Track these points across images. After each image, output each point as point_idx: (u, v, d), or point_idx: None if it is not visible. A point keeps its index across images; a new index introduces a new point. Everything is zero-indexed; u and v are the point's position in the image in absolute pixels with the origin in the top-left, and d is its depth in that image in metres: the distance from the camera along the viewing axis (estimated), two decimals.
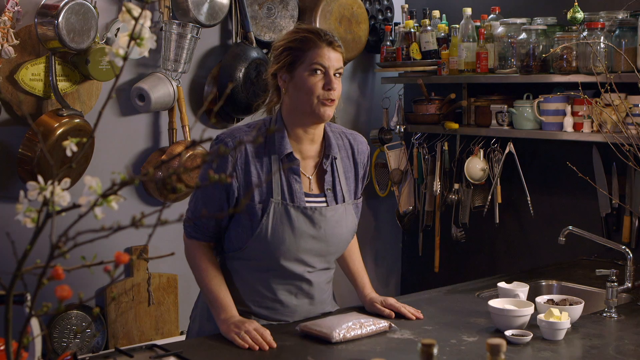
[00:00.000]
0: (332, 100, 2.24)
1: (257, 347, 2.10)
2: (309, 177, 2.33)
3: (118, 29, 3.26)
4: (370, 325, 2.23)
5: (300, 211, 2.26)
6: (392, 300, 2.45)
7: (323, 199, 2.32)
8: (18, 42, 2.95)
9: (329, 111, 2.25)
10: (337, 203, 2.34)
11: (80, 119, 3.13)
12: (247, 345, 2.11)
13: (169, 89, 3.37)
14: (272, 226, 2.23)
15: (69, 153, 1.09)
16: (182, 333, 3.54)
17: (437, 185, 3.95)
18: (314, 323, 2.23)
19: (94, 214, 1.05)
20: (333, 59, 2.23)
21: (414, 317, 2.39)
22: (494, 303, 2.31)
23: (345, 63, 3.98)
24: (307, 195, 2.30)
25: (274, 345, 2.12)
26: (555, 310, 2.22)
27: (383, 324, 2.26)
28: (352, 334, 2.18)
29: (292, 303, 2.36)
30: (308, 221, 2.27)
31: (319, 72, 2.22)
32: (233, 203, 2.25)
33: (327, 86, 2.22)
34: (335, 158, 2.36)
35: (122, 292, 3.38)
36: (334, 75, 2.24)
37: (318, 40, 2.23)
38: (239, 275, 2.35)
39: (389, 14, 4.21)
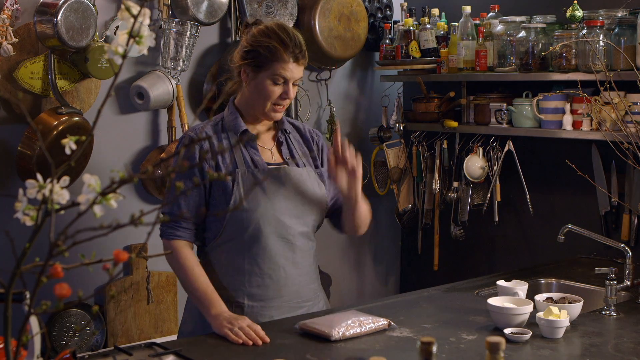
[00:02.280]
0: (284, 106, 2.42)
1: (250, 343, 2.14)
2: (269, 149, 2.49)
3: (117, 27, 3.26)
4: (369, 323, 2.24)
5: (267, 173, 2.40)
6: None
7: (285, 166, 2.46)
8: (17, 40, 2.95)
9: (279, 115, 2.44)
10: (298, 167, 2.48)
11: (80, 117, 3.13)
12: (240, 341, 2.14)
13: (168, 87, 3.36)
14: (245, 192, 2.36)
15: (68, 151, 1.09)
16: None
17: (436, 184, 3.95)
18: (313, 321, 2.24)
19: (93, 212, 1.05)
20: (295, 72, 2.39)
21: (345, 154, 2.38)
22: (493, 301, 2.32)
23: (344, 61, 4.03)
24: (269, 164, 2.44)
25: (267, 340, 2.16)
26: (555, 309, 2.22)
27: (382, 322, 2.26)
28: (352, 332, 2.18)
29: (281, 275, 2.42)
30: (276, 181, 2.40)
31: (279, 82, 2.38)
32: (208, 187, 2.39)
33: (284, 95, 2.39)
34: (289, 132, 2.53)
35: (121, 290, 3.38)
36: (293, 84, 2.40)
37: (285, 53, 2.36)
38: (225, 263, 2.42)
39: (388, 12, 4.21)
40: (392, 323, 2.29)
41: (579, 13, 3.26)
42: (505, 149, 3.66)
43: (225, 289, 2.40)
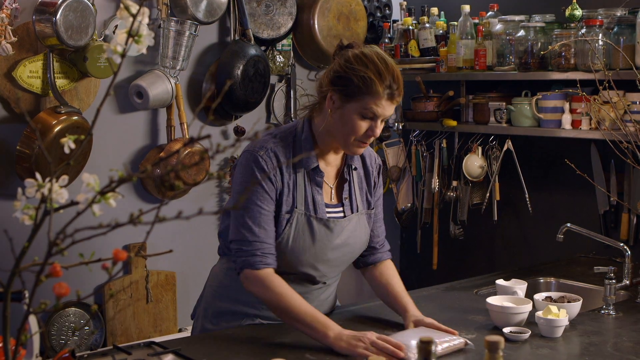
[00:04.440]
0: (368, 143, 2.24)
1: (393, 359, 2.00)
2: (330, 187, 2.33)
3: (116, 26, 3.26)
4: (445, 342, 2.08)
5: (322, 223, 2.26)
6: (431, 320, 2.25)
7: (340, 208, 2.32)
8: (16, 39, 2.95)
9: (361, 151, 2.26)
10: (352, 212, 2.34)
11: (78, 116, 3.13)
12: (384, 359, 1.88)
13: (167, 86, 3.36)
14: (294, 236, 2.22)
15: (66, 150, 1.09)
16: (180, 330, 3.54)
17: (435, 183, 3.95)
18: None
19: (92, 211, 1.05)
20: (387, 110, 2.18)
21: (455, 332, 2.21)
22: (492, 300, 2.32)
23: None
24: (327, 205, 2.30)
25: (403, 347, 2.01)
26: (554, 308, 2.22)
27: (459, 340, 2.11)
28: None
29: None
30: (329, 232, 2.27)
31: (368, 117, 2.17)
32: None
33: (370, 132, 2.19)
34: (356, 168, 2.37)
35: (120, 289, 3.38)
36: (381, 121, 2.21)
37: (381, 89, 2.13)
38: None
39: (387, 11, 4.21)
40: (468, 342, 2.12)
41: (578, 12, 3.26)
42: (505, 148, 3.66)
43: (237, 302, 2.33)
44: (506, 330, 2.19)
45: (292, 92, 3.91)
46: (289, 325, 2.18)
